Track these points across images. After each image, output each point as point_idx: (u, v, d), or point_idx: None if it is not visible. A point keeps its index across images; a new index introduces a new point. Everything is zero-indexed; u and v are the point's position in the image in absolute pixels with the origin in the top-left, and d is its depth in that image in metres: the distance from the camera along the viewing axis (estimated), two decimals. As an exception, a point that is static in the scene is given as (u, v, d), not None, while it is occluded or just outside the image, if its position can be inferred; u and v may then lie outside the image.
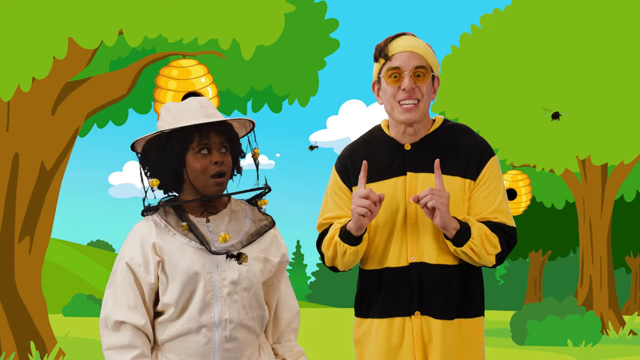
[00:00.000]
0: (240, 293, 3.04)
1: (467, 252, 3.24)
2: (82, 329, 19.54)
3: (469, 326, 3.33)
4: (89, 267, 37.95)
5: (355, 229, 3.25)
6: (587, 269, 19.48)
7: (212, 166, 3.02)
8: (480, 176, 3.35)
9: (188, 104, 3.07)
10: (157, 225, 3.06)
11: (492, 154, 3.39)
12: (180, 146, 3.01)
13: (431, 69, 3.35)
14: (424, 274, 3.29)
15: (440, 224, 3.21)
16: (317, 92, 14.03)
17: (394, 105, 3.35)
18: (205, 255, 3.02)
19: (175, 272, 3.01)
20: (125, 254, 3.06)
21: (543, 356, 13.66)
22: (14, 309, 10.97)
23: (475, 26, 18.50)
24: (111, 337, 3.01)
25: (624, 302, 37.01)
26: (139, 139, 3.09)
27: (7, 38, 9.35)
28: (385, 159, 3.37)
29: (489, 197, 3.33)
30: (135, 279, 3.03)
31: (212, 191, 3.04)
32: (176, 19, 9.56)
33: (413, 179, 3.33)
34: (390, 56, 3.33)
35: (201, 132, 3.02)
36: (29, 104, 10.90)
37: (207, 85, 9.35)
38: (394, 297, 3.31)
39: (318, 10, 13.78)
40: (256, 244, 3.10)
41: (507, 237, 3.32)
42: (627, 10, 16.58)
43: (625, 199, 23.82)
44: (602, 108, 16.64)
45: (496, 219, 3.32)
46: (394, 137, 3.41)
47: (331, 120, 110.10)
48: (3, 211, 10.97)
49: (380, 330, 3.33)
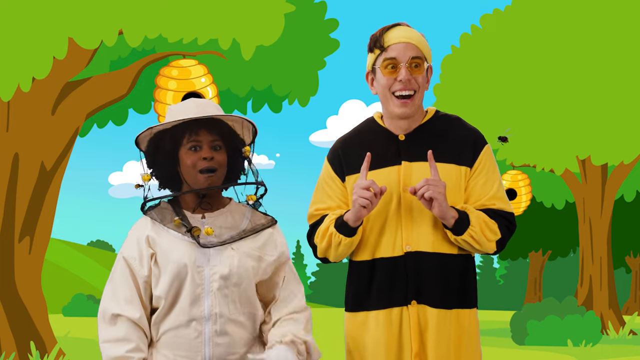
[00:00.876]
0: (230, 288, 3.05)
1: (468, 240, 3.25)
2: (82, 329, 19.54)
3: (467, 317, 3.33)
4: (89, 267, 37.96)
5: (353, 220, 3.25)
6: (587, 269, 19.48)
7: (201, 161, 3.05)
8: (476, 164, 3.35)
9: (186, 104, 3.12)
10: (153, 220, 3.11)
11: (486, 142, 3.40)
12: (171, 143, 3.07)
13: (425, 59, 3.35)
14: (421, 262, 3.28)
15: (439, 214, 3.21)
16: (317, 92, 14.03)
17: (388, 96, 3.34)
18: (197, 249, 3.05)
19: (167, 264, 3.05)
20: (124, 250, 3.12)
21: (543, 356, 13.66)
22: (14, 309, 10.96)
23: (475, 26, 18.50)
24: (107, 331, 3.05)
25: (624, 302, 37.01)
26: (139, 135, 3.14)
27: (7, 38, 9.36)
28: (380, 149, 3.37)
29: (486, 185, 3.34)
30: (132, 274, 3.08)
31: (204, 185, 3.07)
32: (176, 19, 9.56)
33: (407, 168, 3.33)
34: (386, 47, 3.32)
35: (191, 129, 3.06)
36: (29, 104, 10.90)
37: (207, 85, 9.36)
38: (390, 288, 3.30)
39: (318, 10, 13.78)
40: (251, 241, 3.12)
41: (506, 223, 3.33)
42: (627, 10, 16.58)
43: (625, 199, 23.83)
44: (602, 108, 16.64)
45: (494, 205, 3.32)
46: (388, 128, 3.41)
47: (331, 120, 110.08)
48: (3, 211, 10.96)
49: (378, 321, 3.31)
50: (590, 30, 16.63)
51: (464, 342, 3.32)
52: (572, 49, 16.68)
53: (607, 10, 16.65)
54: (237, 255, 3.08)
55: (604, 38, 16.58)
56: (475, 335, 3.36)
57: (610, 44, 16.55)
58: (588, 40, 16.62)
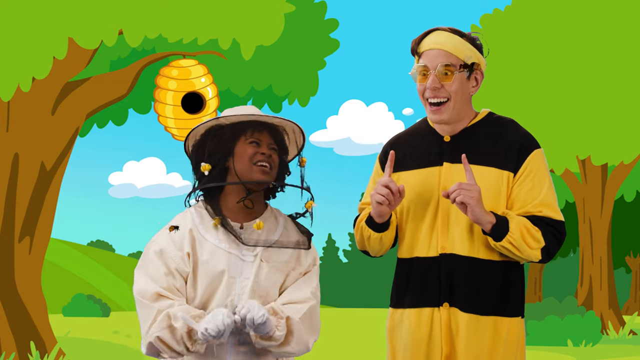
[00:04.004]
0: (256, 300, 3.06)
1: (507, 246, 3.18)
2: (82, 329, 19.56)
3: (506, 325, 3.26)
4: (89, 267, 37.96)
5: (375, 216, 3.27)
6: (587, 269, 19.48)
7: (259, 155, 3.11)
8: (521, 169, 3.28)
9: (247, 108, 3.18)
10: (193, 219, 3.13)
11: (536, 147, 3.34)
12: (232, 135, 3.11)
13: (463, 65, 3.30)
14: (454, 265, 3.25)
15: (473, 219, 3.17)
16: (317, 92, 14.04)
17: (423, 102, 3.36)
18: (232, 259, 3.07)
19: (202, 271, 3.07)
20: (160, 241, 3.11)
21: (543, 356, 13.66)
22: (14, 309, 10.96)
23: (475, 26, 18.50)
24: (154, 305, 3.02)
25: (624, 302, 37.03)
26: (198, 125, 3.16)
27: (7, 38, 9.36)
28: (425, 149, 3.38)
29: (533, 190, 3.26)
30: (170, 262, 3.07)
31: (257, 177, 3.09)
32: (176, 19, 9.56)
33: (448, 170, 3.31)
34: (420, 53, 3.33)
35: (254, 127, 3.12)
36: (29, 104, 10.90)
37: (207, 85, 9.36)
38: (424, 287, 3.29)
39: (318, 10, 13.78)
40: (279, 254, 3.14)
41: (552, 231, 3.23)
42: (627, 10, 16.58)
43: (625, 199, 23.83)
44: (602, 108, 16.64)
45: (541, 212, 3.24)
46: (436, 129, 3.40)
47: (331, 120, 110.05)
48: (3, 211, 10.96)
49: (411, 320, 3.31)
50: (590, 30, 16.63)
51: (500, 350, 3.25)
52: (572, 49, 16.68)
53: (607, 10, 16.65)
54: (266, 267, 3.10)
55: (603, 38, 16.58)
56: (514, 345, 3.28)
57: (610, 44, 16.55)
58: (588, 40, 16.62)
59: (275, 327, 3.01)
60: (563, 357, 13.45)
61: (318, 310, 3.21)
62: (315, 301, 3.18)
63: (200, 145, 3.15)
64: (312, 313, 3.15)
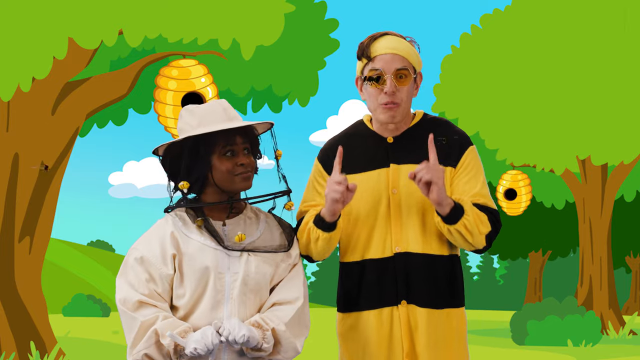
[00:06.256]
0: (247, 295, 3.11)
1: (461, 230, 3.26)
2: (82, 329, 19.56)
3: (456, 316, 3.38)
4: (89, 267, 37.95)
5: (328, 215, 3.27)
6: (587, 269, 19.48)
7: (237, 167, 3.12)
8: (460, 163, 3.39)
9: (211, 107, 3.16)
10: (175, 223, 3.15)
11: (471, 144, 3.45)
12: (206, 150, 3.11)
13: (414, 68, 3.40)
14: (410, 263, 3.33)
15: (437, 199, 3.22)
16: (317, 92, 14.03)
17: (376, 105, 3.40)
18: (219, 255, 3.10)
19: (189, 269, 3.09)
20: (140, 248, 3.13)
21: (543, 356, 13.66)
22: (14, 309, 10.96)
23: (475, 26, 18.50)
24: (136, 315, 3.05)
25: (624, 302, 37.02)
26: (165, 144, 3.16)
27: (7, 38, 9.36)
28: (368, 151, 3.43)
29: (470, 182, 3.37)
30: (151, 269, 3.09)
31: (239, 187, 3.13)
32: (176, 19, 9.56)
33: (396, 171, 3.37)
34: (373, 57, 3.37)
35: (227, 136, 3.12)
36: (29, 104, 10.90)
37: (207, 85, 9.36)
38: (380, 288, 3.34)
39: (318, 10, 13.78)
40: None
41: (493, 219, 3.36)
42: (627, 10, 16.58)
43: (625, 199, 23.82)
44: (602, 108, 16.63)
45: (479, 201, 3.36)
46: (377, 131, 3.45)
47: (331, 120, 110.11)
48: (3, 211, 10.96)
49: (369, 322, 3.35)
50: (590, 30, 16.63)
51: (454, 341, 3.38)
52: (572, 49, 16.68)
53: (606, 10, 16.65)
54: (254, 261, 3.13)
55: (603, 38, 16.58)
56: (463, 334, 3.42)
57: (610, 44, 16.55)
58: (588, 40, 16.62)
59: (262, 340, 3.05)
60: (563, 357, 13.45)
61: (307, 308, 3.23)
62: (303, 300, 3.20)
63: (175, 162, 3.16)
64: (301, 314, 3.18)
